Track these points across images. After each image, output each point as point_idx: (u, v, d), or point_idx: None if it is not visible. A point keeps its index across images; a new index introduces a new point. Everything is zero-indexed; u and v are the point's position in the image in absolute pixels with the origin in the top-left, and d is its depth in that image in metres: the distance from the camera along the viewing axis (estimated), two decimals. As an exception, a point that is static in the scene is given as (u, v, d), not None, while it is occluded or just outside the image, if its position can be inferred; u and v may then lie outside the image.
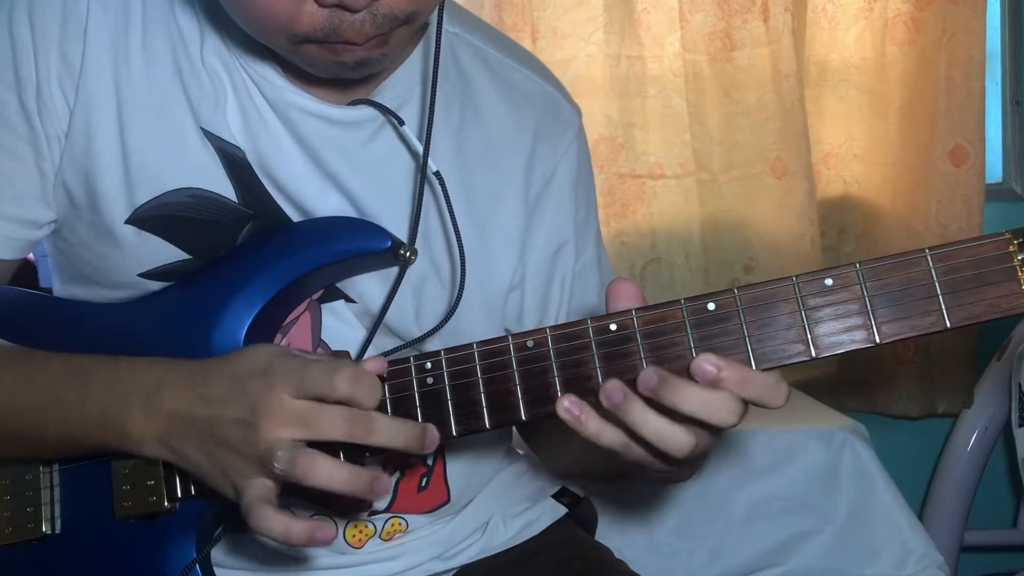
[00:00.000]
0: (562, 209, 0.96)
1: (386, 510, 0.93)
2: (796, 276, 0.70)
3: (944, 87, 1.93)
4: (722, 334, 0.70)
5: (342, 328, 0.88)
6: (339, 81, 0.84)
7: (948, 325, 0.68)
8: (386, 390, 0.76)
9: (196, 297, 0.84)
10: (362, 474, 0.72)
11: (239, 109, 0.85)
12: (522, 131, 0.94)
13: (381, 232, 0.84)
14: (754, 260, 1.94)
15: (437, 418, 0.75)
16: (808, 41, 1.97)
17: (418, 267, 0.87)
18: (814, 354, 0.69)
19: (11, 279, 0.91)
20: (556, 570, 0.99)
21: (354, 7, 0.71)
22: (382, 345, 0.88)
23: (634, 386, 0.69)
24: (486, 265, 0.91)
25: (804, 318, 0.69)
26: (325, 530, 0.73)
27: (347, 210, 0.87)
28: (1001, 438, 1.91)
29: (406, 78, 0.89)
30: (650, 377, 0.68)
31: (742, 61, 1.88)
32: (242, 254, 0.85)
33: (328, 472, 0.71)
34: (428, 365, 0.76)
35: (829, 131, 2.01)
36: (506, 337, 0.74)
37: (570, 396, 0.70)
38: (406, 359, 0.77)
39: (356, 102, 0.87)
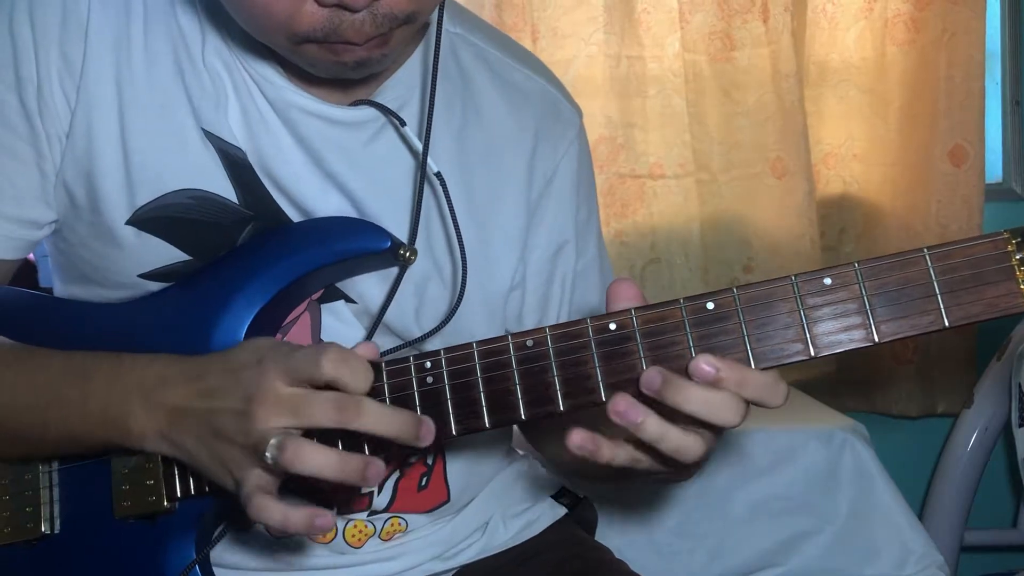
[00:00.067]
0: (563, 209, 0.96)
1: (385, 510, 0.93)
2: (795, 275, 0.70)
3: (944, 87, 1.93)
4: (721, 333, 0.70)
5: (342, 328, 0.88)
6: (340, 81, 0.84)
7: (946, 324, 0.68)
8: (386, 389, 0.76)
9: (196, 297, 0.84)
10: (352, 460, 0.71)
11: (240, 109, 0.85)
12: (523, 131, 0.94)
13: (381, 232, 0.84)
14: (754, 260, 1.94)
15: (437, 417, 0.75)
16: (808, 41, 1.97)
17: (419, 267, 0.88)
18: (813, 353, 0.69)
19: (11, 279, 0.91)
20: (556, 570, 0.99)
21: (354, 7, 0.71)
22: (383, 345, 0.87)
23: (635, 387, 0.70)
24: (487, 265, 0.91)
25: (803, 317, 0.69)
26: (324, 517, 0.72)
27: (348, 210, 0.87)
28: (1001, 438, 1.91)
29: (407, 78, 0.89)
30: (653, 377, 0.69)
31: (742, 61, 1.88)
32: (242, 254, 0.85)
33: (317, 458, 0.70)
34: (428, 364, 0.76)
35: (829, 131, 2.01)
36: (506, 336, 0.74)
37: (578, 432, 0.69)
38: (406, 358, 0.77)
39: (357, 102, 0.87)
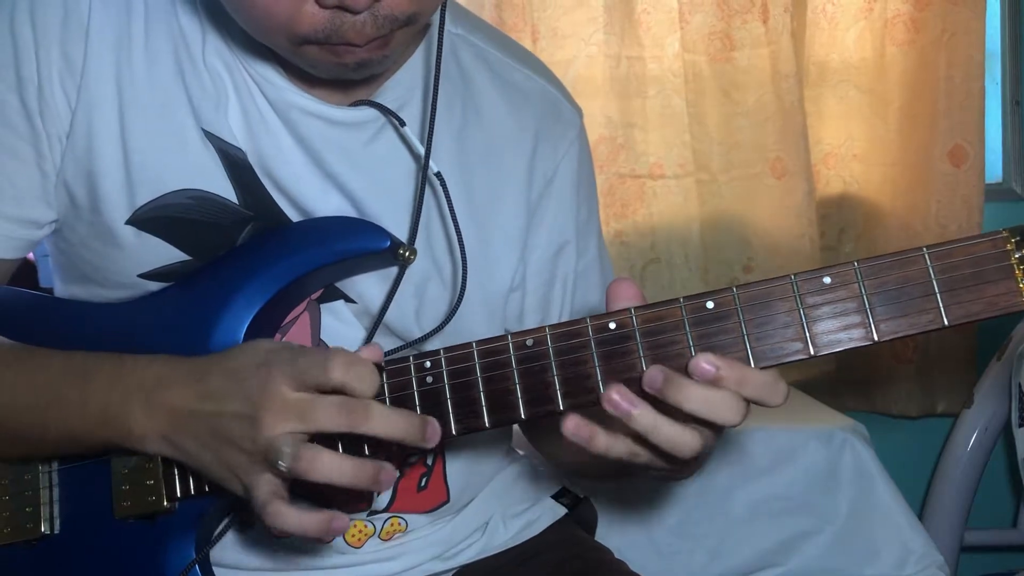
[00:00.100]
0: (563, 209, 0.96)
1: (385, 510, 0.93)
2: (794, 274, 0.70)
3: (944, 87, 1.93)
4: (721, 332, 0.70)
5: (342, 328, 0.88)
6: (340, 82, 0.84)
7: (946, 323, 0.68)
8: (386, 389, 0.76)
9: (196, 297, 0.84)
10: (366, 466, 0.72)
11: (240, 110, 0.85)
12: (523, 131, 0.94)
13: (380, 232, 0.84)
14: (753, 260, 1.94)
15: (437, 417, 0.75)
16: (808, 41, 1.97)
17: (419, 267, 0.88)
18: (812, 352, 0.69)
19: (11, 279, 0.91)
20: (556, 570, 0.99)
21: (355, 8, 0.71)
22: (383, 345, 0.87)
23: (635, 385, 0.70)
24: (487, 265, 0.91)
25: (802, 316, 0.69)
26: (340, 519, 0.72)
27: (348, 211, 0.87)
28: (1001, 438, 1.91)
29: (407, 79, 0.89)
30: (655, 376, 0.69)
31: (742, 61, 1.88)
32: (241, 254, 0.85)
33: (332, 466, 0.71)
34: (428, 364, 0.76)
35: (829, 131, 2.01)
36: (505, 336, 0.74)
37: (574, 418, 0.69)
38: (405, 358, 0.77)
39: (357, 103, 0.87)
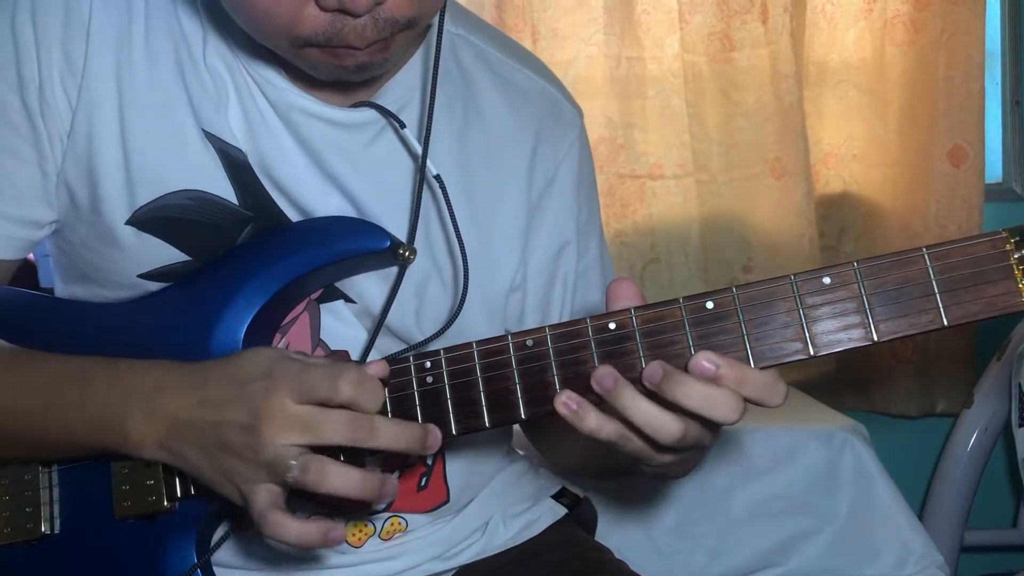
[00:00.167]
0: (564, 210, 0.96)
1: (385, 510, 0.93)
2: (794, 275, 0.70)
3: (943, 87, 1.93)
4: (720, 332, 0.70)
5: (341, 328, 0.88)
6: (341, 83, 0.84)
7: (945, 323, 0.68)
8: (386, 390, 0.76)
9: (195, 297, 0.84)
10: (372, 478, 0.73)
11: (241, 110, 0.85)
12: (523, 131, 0.94)
13: (380, 232, 0.84)
14: (753, 260, 1.94)
15: (437, 417, 0.75)
16: (807, 42, 1.97)
17: (420, 268, 0.88)
18: (812, 352, 0.69)
19: (11, 279, 0.91)
20: (556, 570, 0.99)
21: (355, 11, 0.71)
22: (382, 345, 0.88)
23: (635, 385, 0.70)
24: (487, 266, 0.91)
25: (802, 316, 0.69)
26: (336, 530, 0.73)
27: (348, 212, 0.87)
28: (1001, 438, 1.91)
29: (408, 80, 0.89)
30: (655, 371, 0.69)
31: (741, 62, 1.88)
32: (241, 254, 0.85)
33: (340, 478, 0.72)
34: (428, 364, 0.76)
35: (829, 131, 2.01)
36: (505, 336, 0.74)
37: (568, 392, 0.70)
38: (406, 358, 0.77)
39: (358, 104, 0.87)
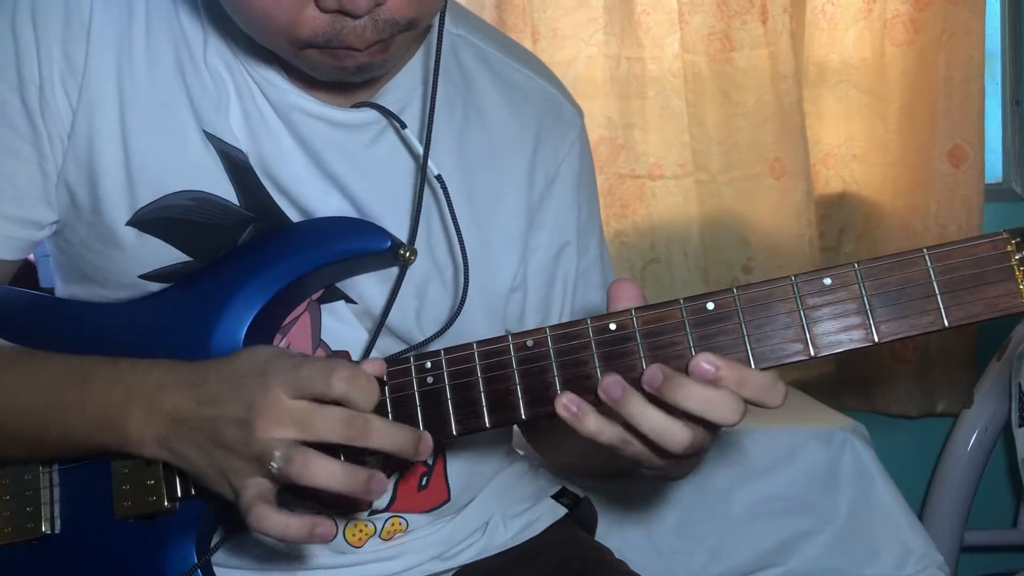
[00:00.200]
0: (564, 210, 0.96)
1: (386, 509, 0.93)
2: (795, 276, 0.70)
3: (943, 87, 1.93)
4: (721, 333, 0.70)
5: (342, 328, 0.88)
6: (341, 84, 0.84)
7: (946, 324, 0.68)
8: (386, 390, 0.76)
9: (196, 297, 0.84)
10: (358, 473, 0.72)
11: (242, 111, 0.85)
12: (524, 131, 0.94)
13: (381, 232, 0.84)
14: (753, 260, 1.94)
15: (437, 417, 0.75)
16: (807, 42, 1.97)
17: (420, 268, 0.88)
18: (813, 353, 0.69)
19: (12, 279, 0.91)
20: (556, 570, 0.99)
21: (355, 13, 0.71)
22: (382, 345, 0.88)
23: (635, 384, 0.70)
24: (488, 267, 0.91)
25: (803, 317, 0.69)
26: (324, 526, 0.72)
27: (349, 212, 0.87)
28: (1001, 438, 1.91)
29: (408, 81, 0.89)
30: (655, 374, 0.69)
31: (741, 62, 1.88)
32: (242, 254, 0.85)
33: (324, 471, 0.71)
34: (428, 365, 0.76)
35: (829, 131, 2.01)
36: (506, 336, 0.74)
37: (568, 394, 0.70)
38: (406, 358, 0.77)
39: (358, 104, 0.87)
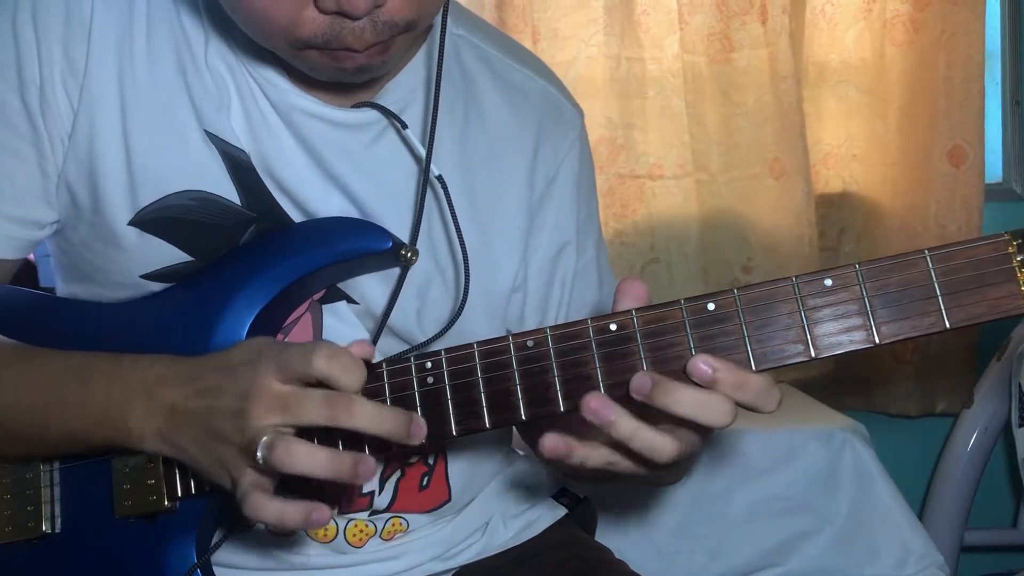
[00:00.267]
0: (564, 210, 0.96)
1: (386, 509, 0.93)
2: (796, 276, 0.70)
3: (943, 87, 1.93)
4: (721, 334, 0.70)
5: (344, 329, 0.88)
6: (342, 84, 0.84)
7: (947, 326, 0.68)
8: (387, 390, 0.76)
9: (197, 297, 0.84)
10: (342, 457, 0.71)
11: (243, 111, 0.85)
12: (524, 132, 0.94)
13: (382, 232, 0.84)
14: (753, 260, 1.94)
15: (437, 418, 0.75)
16: (807, 42, 1.97)
17: (421, 269, 0.88)
18: (813, 354, 0.69)
19: (12, 279, 0.91)
20: (556, 570, 0.99)
21: (354, 14, 0.71)
22: (384, 345, 0.88)
23: (626, 389, 0.70)
24: (489, 267, 0.92)
25: (804, 318, 0.69)
26: (321, 511, 0.71)
27: (350, 212, 0.87)
28: (1001, 438, 1.92)
29: (409, 81, 0.89)
30: (643, 382, 0.68)
31: (740, 62, 1.88)
32: (243, 254, 0.85)
33: (306, 457, 0.70)
34: (428, 365, 0.76)
35: (829, 131, 2.01)
36: (506, 337, 0.74)
37: (552, 435, 0.70)
38: (406, 359, 0.77)
39: (359, 105, 0.87)
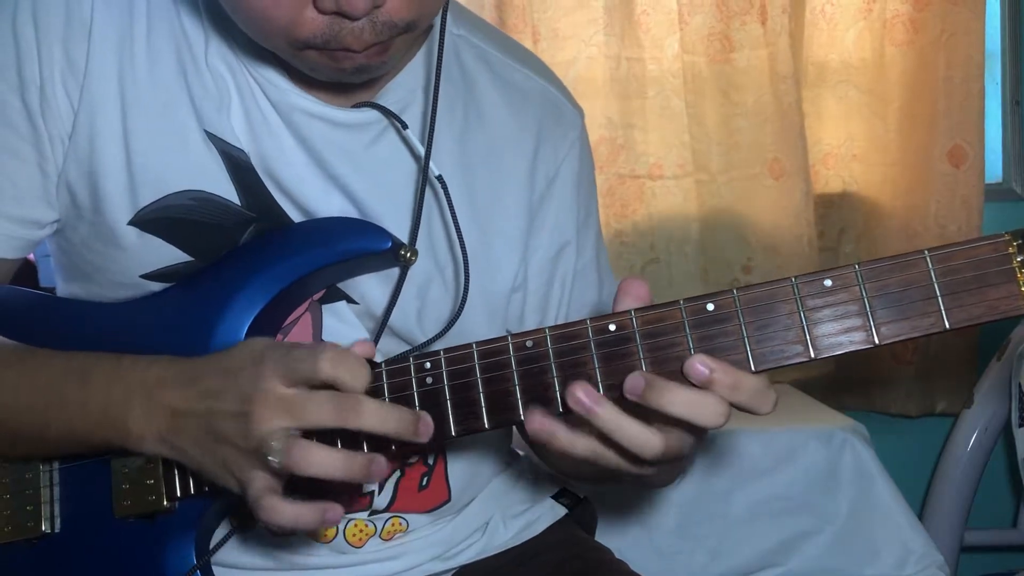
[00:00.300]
0: (564, 210, 0.96)
1: (386, 509, 0.93)
2: (795, 277, 0.70)
3: (943, 87, 1.93)
4: (721, 335, 0.70)
5: (343, 329, 0.88)
6: (342, 84, 0.84)
7: (947, 326, 0.67)
8: (386, 390, 0.76)
9: (197, 297, 0.84)
10: (357, 458, 0.72)
11: (243, 111, 0.85)
12: (524, 132, 0.94)
13: (381, 232, 0.84)
14: (752, 260, 1.94)
15: (436, 418, 0.75)
16: (807, 42, 1.97)
17: (421, 269, 0.88)
18: (813, 355, 0.69)
19: (12, 279, 0.91)
20: (556, 570, 0.99)
21: (353, 15, 0.71)
22: (384, 346, 0.87)
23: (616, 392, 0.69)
24: (489, 267, 0.92)
25: (803, 319, 0.69)
26: (334, 510, 0.72)
27: (350, 212, 0.87)
28: (1001, 438, 1.91)
29: (409, 81, 0.89)
30: (636, 382, 0.69)
31: (740, 62, 1.88)
32: (243, 254, 0.85)
33: (323, 460, 0.71)
34: (427, 365, 0.76)
35: (829, 131, 2.01)
36: (505, 337, 0.74)
37: (538, 414, 0.70)
38: (405, 359, 0.77)
39: (360, 104, 0.87)
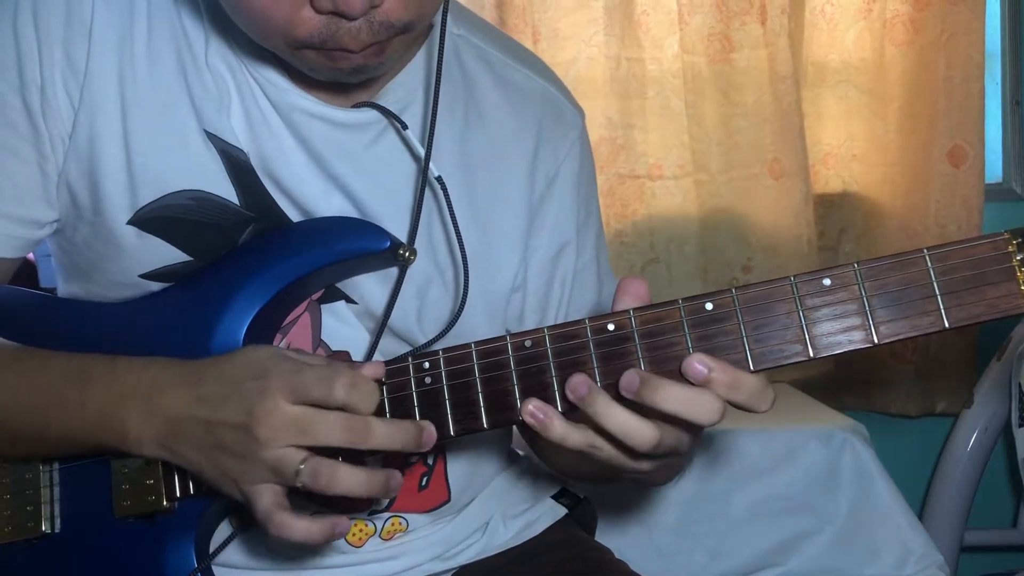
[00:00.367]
0: (564, 210, 0.96)
1: (386, 509, 0.93)
2: (794, 276, 0.70)
3: (943, 87, 1.93)
4: (720, 334, 0.70)
5: (342, 329, 0.88)
6: (341, 84, 0.84)
7: (947, 325, 0.67)
8: (384, 390, 0.76)
9: (196, 297, 0.84)
10: (378, 475, 0.73)
11: (243, 111, 0.85)
12: (524, 132, 0.94)
13: (380, 232, 0.84)
14: (752, 260, 1.94)
15: (435, 418, 0.75)
16: (807, 42, 1.97)
17: (421, 269, 0.88)
18: (812, 354, 0.69)
19: (12, 279, 0.91)
20: (556, 570, 0.99)
21: (350, 14, 0.71)
22: (383, 346, 0.87)
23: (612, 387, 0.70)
24: (488, 268, 0.91)
25: (802, 318, 0.69)
26: (342, 524, 0.74)
27: (350, 212, 0.87)
28: (1001, 438, 1.91)
29: (410, 81, 0.89)
30: (632, 379, 0.69)
31: (740, 63, 1.88)
32: (242, 254, 0.85)
33: (349, 479, 0.72)
34: (426, 365, 0.76)
35: (829, 131, 2.01)
36: (504, 337, 0.74)
37: (534, 401, 0.70)
38: (404, 358, 0.77)
39: (359, 104, 0.87)
